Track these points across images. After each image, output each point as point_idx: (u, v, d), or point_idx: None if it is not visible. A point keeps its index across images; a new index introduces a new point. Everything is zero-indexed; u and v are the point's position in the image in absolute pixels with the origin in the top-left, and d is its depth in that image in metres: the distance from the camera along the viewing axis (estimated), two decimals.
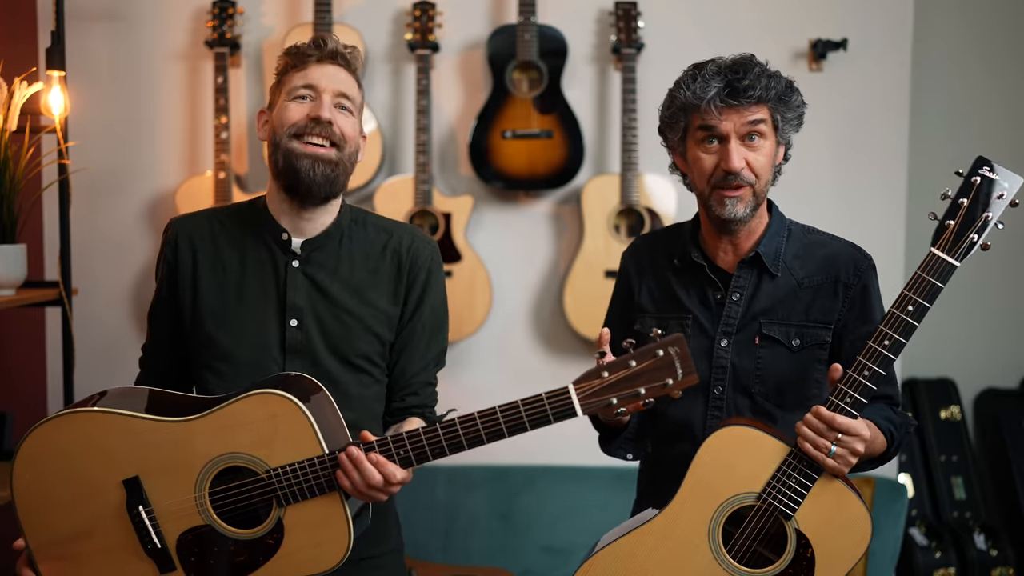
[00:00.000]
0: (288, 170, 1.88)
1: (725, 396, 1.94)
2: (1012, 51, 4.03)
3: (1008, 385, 4.05)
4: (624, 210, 3.40)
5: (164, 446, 1.78)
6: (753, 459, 1.81)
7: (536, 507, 3.41)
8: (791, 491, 1.78)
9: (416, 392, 1.99)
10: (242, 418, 1.76)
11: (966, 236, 1.73)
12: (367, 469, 1.71)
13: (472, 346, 3.52)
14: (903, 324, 1.74)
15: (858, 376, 1.75)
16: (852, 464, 1.77)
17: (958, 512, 3.81)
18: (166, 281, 1.99)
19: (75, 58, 3.15)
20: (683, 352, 1.64)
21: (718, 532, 1.82)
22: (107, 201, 3.50)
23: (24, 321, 3.40)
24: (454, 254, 3.41)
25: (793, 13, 3.50)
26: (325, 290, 1.92)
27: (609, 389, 1.65)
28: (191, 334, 1.95)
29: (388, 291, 1.96)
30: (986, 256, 4.26)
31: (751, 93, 1.86)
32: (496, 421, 1.71)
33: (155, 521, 1.78)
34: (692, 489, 1.84)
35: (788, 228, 2.01)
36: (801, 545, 1.80)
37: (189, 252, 1.96)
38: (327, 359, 1.91)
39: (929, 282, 1.74)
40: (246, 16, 3.47)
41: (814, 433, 1.75)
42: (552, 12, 3.45)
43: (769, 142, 1.92)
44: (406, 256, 1.97)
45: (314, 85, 1.91)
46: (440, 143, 3.51)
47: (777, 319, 1.94)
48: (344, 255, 1.95)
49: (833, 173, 3.51)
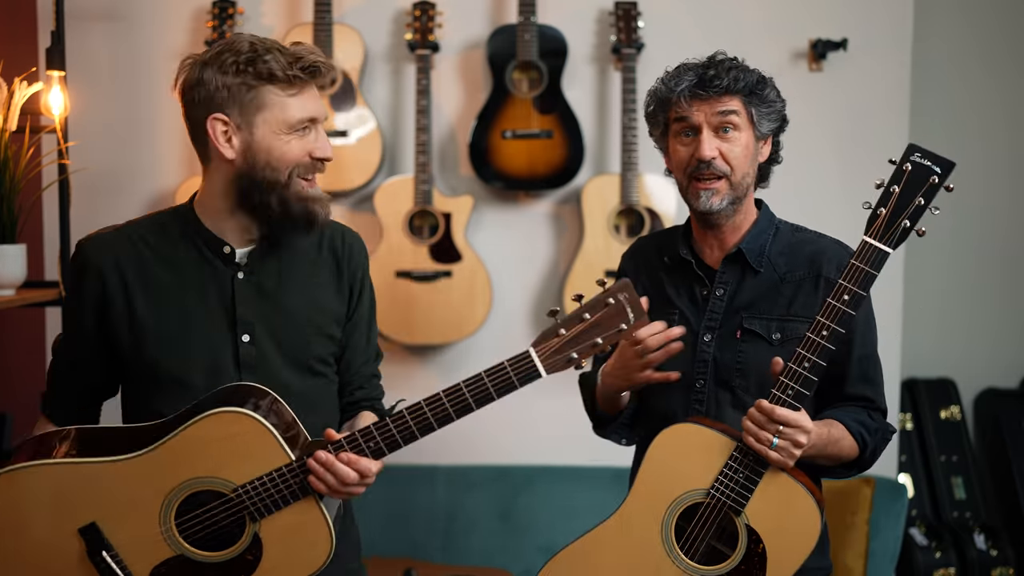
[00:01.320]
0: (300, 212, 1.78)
1: (707, 390, 1.97)
2: (1012, 51, 4.03)
3: (1008, 385, 4.05)
4: (624, 210, 3.40)
5: (118, 486, 1.71)
6: (701, 456, 1.84)
7: (536, 507, 3.41)
8: (739, 486, 1.81)
9: (362, 386, 1.96)
10: (198, 443, 1.70)
11: (898, 223, 1.74)
12: (340, 469, 1.69)
13: (472, 346, 3.52)
14: (840, 313, 1.76)
15: (798, 368, 1.77)
16: (796, 456, 1.78)
17: (958, 512, 3.81)
18: (91, 314, 1.83)
19: (75, 58, 3.15)
20: (632, 297, 1.67)
21: (671, 530, 1.85)
22: (107, 201, 3.50)
23: (24, 321, 3.40)
24: (454, 254, 3.41)
25: (793, 13, 3.50)
26: (274, 298, 1.85)
27: (568, 345, 1.68)
28: (132, 362, 1.84)
29: (332, 289, 1.91)
30: (986, 256, 4.28)
31: (718, 83, 1.92)
32: (462, 395, 1.69)
33: (121, 563, 1.72)
34: (643, 488, 1.88)
35: (776, 226, 2.05)
36: (752, 540, 1.82)
37: (116, 277, 1.82)
38: (283, 369, 1.84)
39: (863, 270, 1.75)
40: (246, 16, 3.47)
41: (755, 426, 1.78)
42: (552, 12, 3.45)
43: (744, 135, 1.95)
44: (342, 251, 1.93)
45: (316, 118, 1.79)
46: (440, 143, 3.51)
47: (758, 313, 1.96)
48: (286, 259, 1.87)
49: (833, 173, 3.51)
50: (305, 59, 1.76)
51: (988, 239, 3.99)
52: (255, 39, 1.77)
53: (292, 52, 1.76)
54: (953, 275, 4.00)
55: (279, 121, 1.76)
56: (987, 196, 3.95)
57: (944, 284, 4.02)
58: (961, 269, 3.99)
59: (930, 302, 3.99)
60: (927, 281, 3.95)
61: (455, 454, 3.44)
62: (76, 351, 1.90)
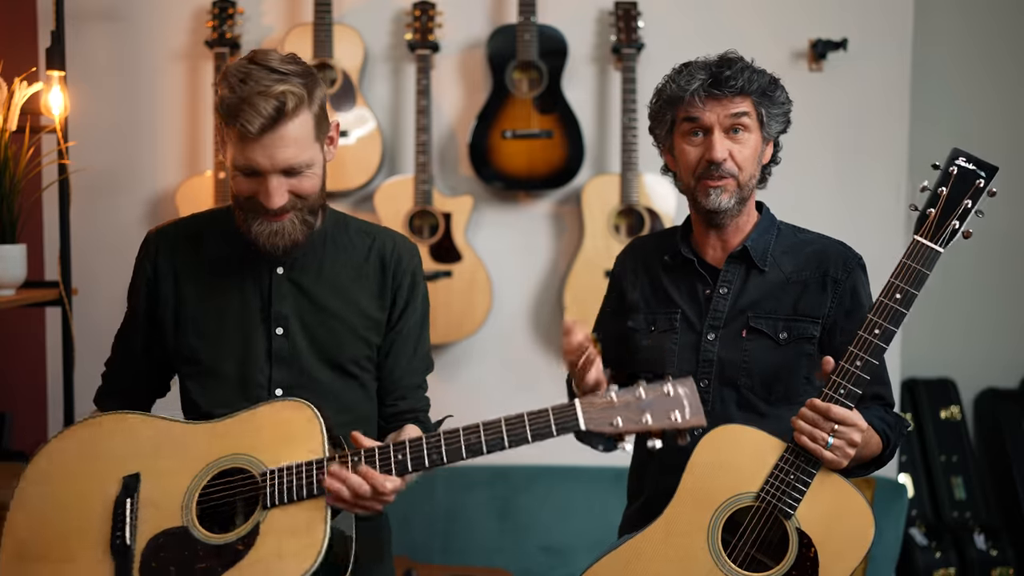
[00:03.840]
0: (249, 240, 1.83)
1: (711, 390, 1.95)
2: (1012, 51, 4.03)
3: (1008, 385, 4.05)
4: (624, 210, 3.40)
5: (174, 446, 1.78)
6: (749, 457, 1.79)
7: (536, 507, 3.41)
8: (790, 488, 1.76)
9: (405, 396, 1.97)
10: (254, 423, 1.76)
11: (948, 223, 1.75)
12: (353, 480, 1.69)
13: (472, 346, 3.52)
14: (892, 312, 1.75)
15: (850, 367, 1.75)
16: (850, 456, 1.76)
17: (958, 512, 3.81)
18: (145, 297, 1.94)
19: (75, 58, 3.14)
20: (692, 394, 1.65)
21: (717, 536, 1.79)
22: (107, 201, 3.50)
23: (24, 321, 3.40)
24: (454, 254, 3.41)
25: (793, 13, 3.50)
26: (312, 295, 1.90)
27: (615, 411, 1.66)
28: (173, 347, 1.92)
29: (374, 295, 1.93)
30: (986, 256, 4.28)
31: (733, 83, 1.90)
32: (499, 432, 1.70)
33: (135, 519, 1.75)
34: (688, 492, 1.81)
35: (778, 227, 2.04)
36: (803, 545, 1.76)
37: (169, 264, 1.93)
38: (315, 366, 1.89)
39: (915, 269, 1.76)
40: (246, 16, 3.47)
41: (810, 425, 1.75)
42: (552, 12, 3.45)
43: (754, 136, 1.94)
44: (390, 260, 1.95)
45: (256, 169, 1.76)
46: (440, 143, 3.51)
47: (765, 312, 1.95)
48: (328, 260, 1.92)
49: (833, 173, 3.51)
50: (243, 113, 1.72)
51: (988, 239, 3.99)
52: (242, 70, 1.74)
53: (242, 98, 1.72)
54: (953, 275, 4.00)
55: (230, 158, 1.80)
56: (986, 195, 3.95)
57: (944, 284, 4.02)
58: (961, 269, 3.99)
59: (930, 302, 3.98)
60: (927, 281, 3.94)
61: None
62: (130, 338, 1.98)
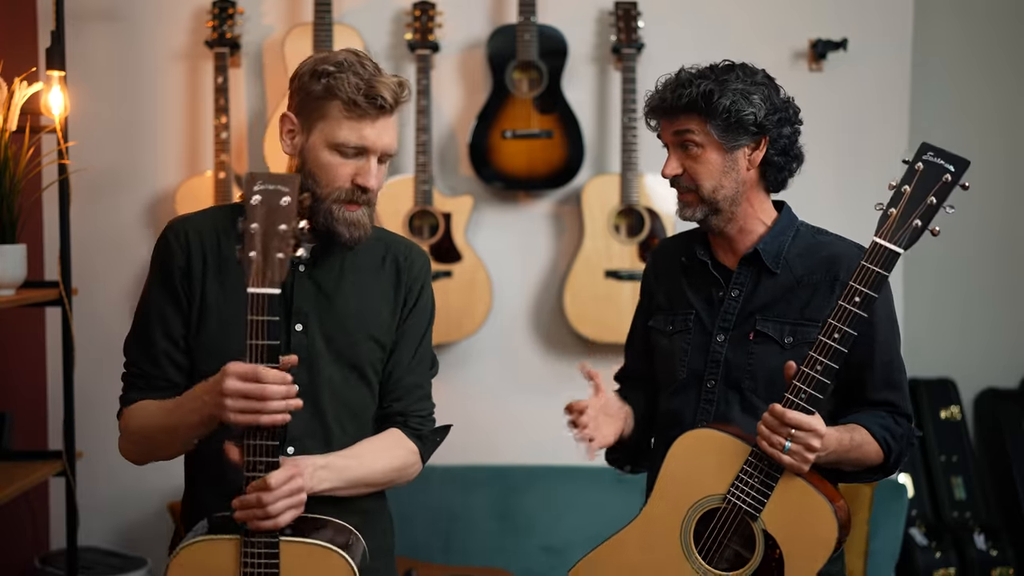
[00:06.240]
0: (326, 230, 1.84)
1: (717, 390, 1.97)
2: (1011, 51, 4.03)
3: (1008, 385, 4.05)
4: (624, 210, 3.40)
5: None
6: (717, 460, 1.83)
7: (536, 507, 3.41)
8: (755, 491, 1.79)
9: (401, 397, 1.96)
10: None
11: (909, 222, 1.71)
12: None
13: (472, 346, 3.52)
14: (852, 316, 1.73)
15: (811, 371, 1.75)
16: (810, 460, 1.76)
17: (958, 512, 3.81)
18: (179, 282, 1.88)
19: (75, 58, 3.14)
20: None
21: (690, 535, 1.85)
22: (107, 201, 3.50)
23: (24, 321, 3.40)
24: (454, 254, 3.41)
25: (793, 13, 3.50)
26: (331, 296, 1.91)
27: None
28: (193, 338, 1.90)
29: (388, 299, 1.95)
30: (986, 257, 4.27)
31: (675, 103, 1.92)
32: None
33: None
34: (662, 493, 1.88)
35: (797, 228, 2.02)
36: (769, 546, 1.80)
37: (200, 252, 1.89)
38: (330, 365, 1.89)
39: (873, 271, 1.72)
40: (246, 16, 3.47)
41: (768, 430, 1.77)
42: (552, 12, 3.45)
43: (707, 151, 1.92)
44: (404, 265, 1.97)
45: (367, 147, 1.83)
46: (440, 143, 3.51)
47: (773, 316, 1.95)
48: (348, 262, 1.94)
49: (832, 173, 3.51)
50: (373, 89, 1.80)
51: (988, 239, 3.99)
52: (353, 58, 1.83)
53: (367, 79, 1.80)
54: (953, 275, 4.00)
55: (329, 136, 1.82)
56: (986, 195, 3.95)
57: (944, 284, 4.02)
58: (961, 269, 3.99)
59: (930, 302, 3.99)
60: (927, 281, 3.95)
61: (455, 454, 3.44)
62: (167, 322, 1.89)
